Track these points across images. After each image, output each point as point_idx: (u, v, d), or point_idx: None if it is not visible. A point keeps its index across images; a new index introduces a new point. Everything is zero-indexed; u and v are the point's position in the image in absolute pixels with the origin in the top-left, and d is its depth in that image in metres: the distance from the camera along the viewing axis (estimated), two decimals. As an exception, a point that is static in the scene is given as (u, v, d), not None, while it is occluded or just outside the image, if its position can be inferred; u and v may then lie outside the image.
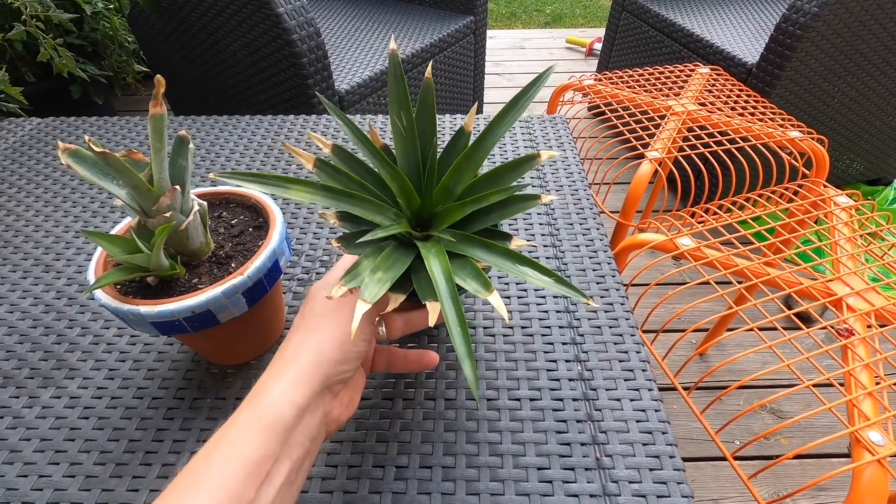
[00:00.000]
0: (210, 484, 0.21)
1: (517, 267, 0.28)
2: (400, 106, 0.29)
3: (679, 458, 0.34)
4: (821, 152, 0.74)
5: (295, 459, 0.24)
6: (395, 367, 0.33)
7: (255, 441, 0.22)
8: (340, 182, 0.30)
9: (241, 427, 0.23)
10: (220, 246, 0.35)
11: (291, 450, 0.24)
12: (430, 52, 1.22)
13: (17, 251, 0.50)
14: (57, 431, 0.35)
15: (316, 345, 0.26)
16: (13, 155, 0.64)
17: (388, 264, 0.27)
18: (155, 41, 1.18)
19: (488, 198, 0.29)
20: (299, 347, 0.26)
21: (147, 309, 0.29)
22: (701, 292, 1.10)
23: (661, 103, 0.85)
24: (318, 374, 0.25)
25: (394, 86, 0.29)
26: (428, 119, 0.30)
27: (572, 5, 2.99)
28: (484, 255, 0.29)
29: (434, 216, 0.31)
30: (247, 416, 0.23)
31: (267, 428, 0.23)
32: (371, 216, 0.29)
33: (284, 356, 0.26)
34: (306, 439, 0.25)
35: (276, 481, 0.22)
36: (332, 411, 0.27)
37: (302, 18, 0.84)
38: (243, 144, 0.65)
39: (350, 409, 0.29)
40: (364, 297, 0.25)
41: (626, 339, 0.41)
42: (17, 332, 0.42)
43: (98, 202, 0.56)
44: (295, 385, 0.24)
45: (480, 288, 0.27)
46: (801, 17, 0.97)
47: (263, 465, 0.22)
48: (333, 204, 0.28)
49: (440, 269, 0.27)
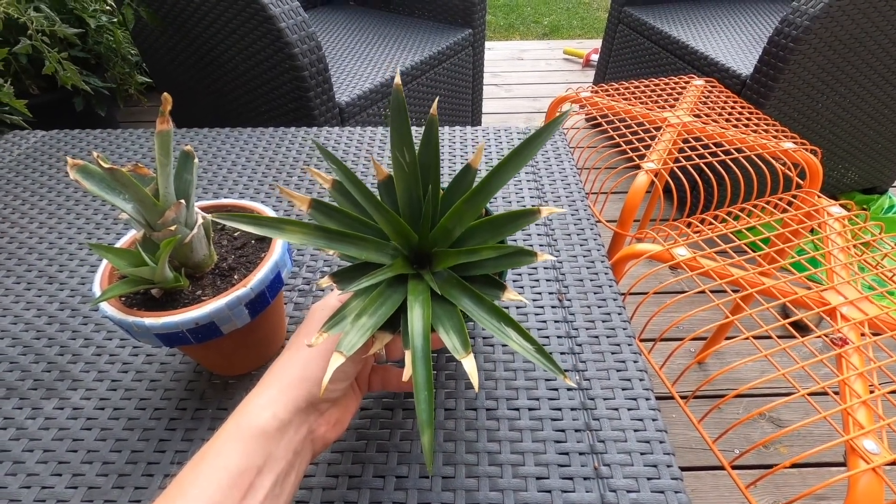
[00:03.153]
0: (195, 494, 0.21)
1: (501, 326, 0.27)
2: (402, 141, 0.29)
3: (676, 467, 0.34)
4: (814, 163, 0.75)
5: (278, 472, 0.24)
6: (391, 385, 0.34)
7: (238, 452, 0.23)
8: (337, 221, 0.29)
9: (225, 439, 0.24)
10: (224, 258, 0.36)
11: (275, 463, 0.24)
12: (429, 65, 1.24)
13: (21, 262, 0.51)
14: (60, 442, 0.36)
15: (303, 362, 0.27)
16: (18, 167, 0.65)
17: (376, 307, 0.27)
18: (158, 54, 1.19)
19: (481, 252, 0.29)
20: (288, 364, 0.27)
21: (152, 321, 0.30)
22: (698, 301, 1.10)
23: (656, 115, 0.86)
24: (302, 390, 0.26)
25: (396, 120, 0.29)
26: (431, 155, 0.30)
27: (570, 17, 3.03)
28: (471, 306, 0.28)
29: (432, 255, 0.31)
30: (231, 428, 0.24)
31: (249, 439, 0.23)
32: (367, 255, 0.29)
33: (273, 371, 0.27)
34: (290, 453, 0.25)
35: (260, 493, 0.23)
36: (318, 429, 0.27)
37: (304, 33, 0.86)
38: (245, 157, 0.66)
39: (338, 430, 0.29)
40: (341, 348, 0.25)
41: (624, 349, 0.42)
42: (20, 343, 0.43)
43: (101, 214, 0.57)
44: (278, 399, 0.25)
45: (459, 347, 0.27)
46: (793, 30, 0.99)
47: (246, 476, 0.22)
48: (329, 245, 0.28)
49: (419, 324, 0.27)
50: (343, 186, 0.31)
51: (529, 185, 0.60)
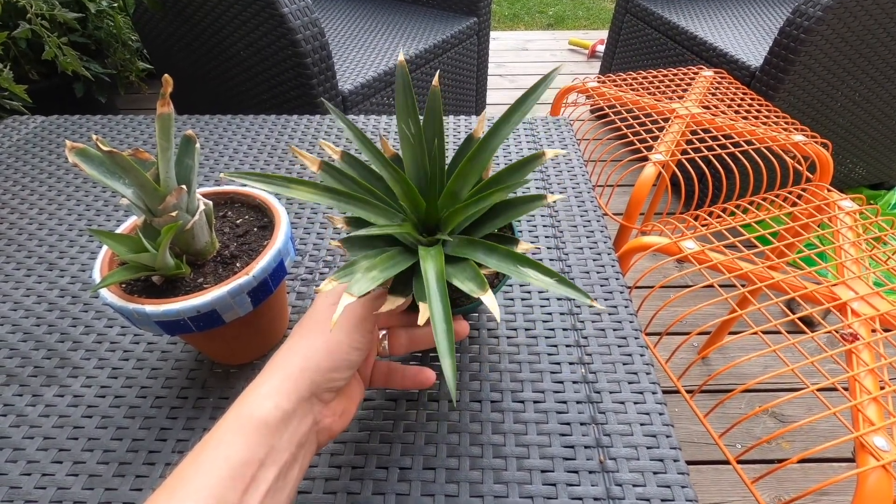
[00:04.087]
0: (196, 485, 0.21)
1: (519, 269, 0.27)
2: (408, 114, 0.30)
3: (683, 461, 0.34)
4: (825, 156, 0.74)
5: (281, 465, 0.23)
6: (394, 382, 0.33)
7: (240, 443, 0.22)
8: (346, 185, 0.30)
9: (226, 429, 0.23)
10: (225, 246, 0.35)
11: (278, 455, 0.23)
12: (433, 54, 1.22)
13: (21, 249, 0.50)
14: (60, 430, 0.35)
15: (305, 350, 0.26)
16: (17, 153, 0.64)
17: (387, 265, 0.27)
18: (159, 40, 1.18)
19: (491, 197, 0.28)
20: (290, 352, 0.26)
21: (152, 308, 0.29)
22: (703, 295, 1.10)
23: (664, 106, 0.85)
24: (304, 379, 0.25)
25: (401, 96, 0.30)
26: (435, 126, 0.30)
27: (575, 7, 2.99)
28: (486, 257, 0.28)
29: (441, 222, 0.31)
30: (232, 419, 0.24)
31: (251, 430, 0.23)
32: (375, 219, 0.29)
33: (275, 360, 0.26)
34: (293, 445, 0.24)
35: (262, 486, 0.22)
36: (323, 420, 0.27)
37: (307, 19, 0.84)
38: (247, 144, 0.65)
39: (343, 421, 0.28)
40: (351, 290, 0.24)
41: (630, 342, 0.41)
42: (20, 329, 0.42)
43: (102, 200, 0.56)
44: (280, 389, 0.24)
45: (476, 287, 0.26)
46: (804, 21, 0.97)
47: (248, 468, 0.22)
48: (336, 205, 0.28)
49: (433, 269, 0.27)
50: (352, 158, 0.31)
51: (535, 177, 0.59)
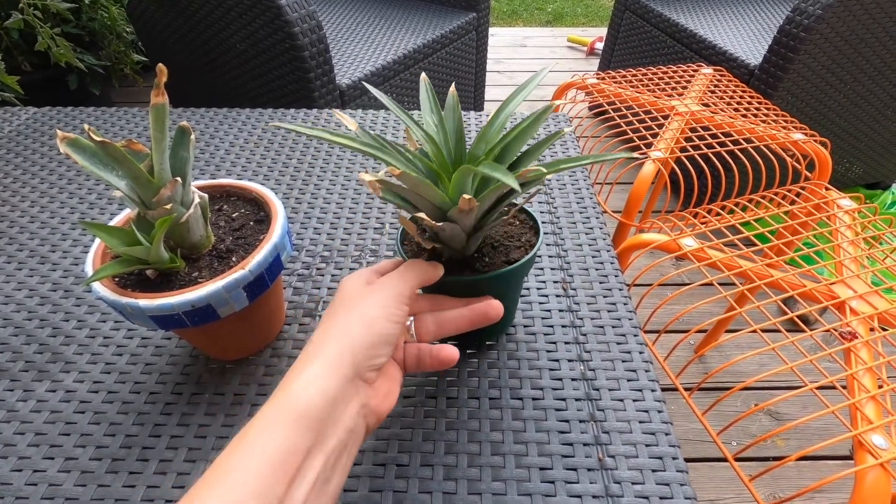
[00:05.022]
0: (238, 479, 0.20)
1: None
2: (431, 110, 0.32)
3: (682, 459, 0.34)
4: (823, 155, 0.74)
5: (328, 453, 0.22)
6: (424, 364, 0.31)
7: (283, 433, 0.21)
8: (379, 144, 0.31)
9: (268, 419, 0.22)
10: (221, 240, 0.35)
11: (325, 442, 0.22)
12: (432, 49, 1.21)
13: (12, 242, 0.49)
14: (52, 426, 0.35)
15: (342, 329, 0.25)
16: (9, 144, 0.63)
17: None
18: (154, 32, 1.16)
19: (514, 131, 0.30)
20: (325, 335, 0.26)
21: (146, 302, 0.29)
22: (701, 293, 1.10)
23: (664, 103, 0.85)
24: (346, 359, 0.24)
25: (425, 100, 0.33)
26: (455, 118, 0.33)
27: (574, 4, 2.98)
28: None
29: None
30: (274, 408, 0.22)
31: (295, 419, 0.22)
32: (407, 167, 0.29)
33: (309, 347, 0.25)
34: (342, 430, 0.23)
35: (310, 476, 0.21)
36: (370, 401, 0.26)
37: (304, 11, 0.83)
38: (243, 138, 0.64)
39: (389, 401, 0.27)
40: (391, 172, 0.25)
41: (629, 340, 0.41)
42: (11, 324, 0.42)
43: (95, 193, 0.55)
44: (323, 373, 0.23)
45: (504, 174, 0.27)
46: (804, 20, 0.97)
47: (293, 459, 0.21)
48: (373, 152, 0.28)
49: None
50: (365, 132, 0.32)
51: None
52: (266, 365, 0.39)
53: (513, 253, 0.35)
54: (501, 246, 0.36)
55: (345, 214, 0.53)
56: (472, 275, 0.33)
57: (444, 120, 0.32)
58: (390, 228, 0.51)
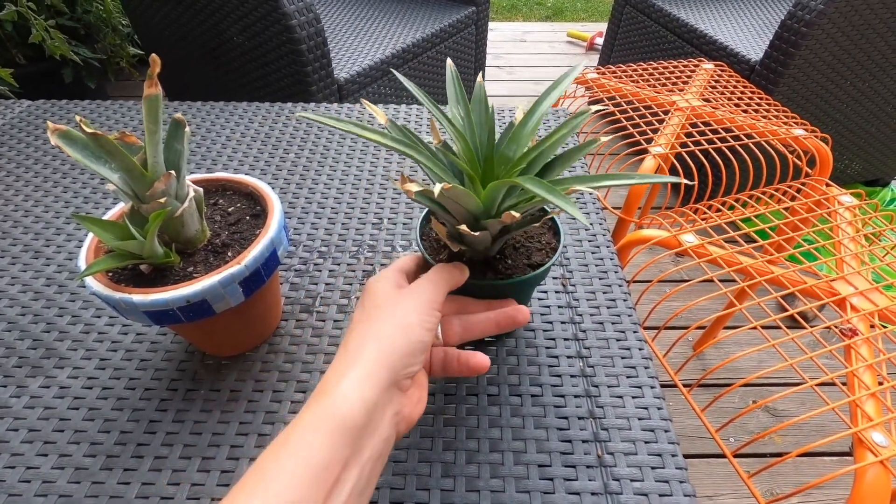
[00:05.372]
0: (276, 488, 0.19)
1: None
2: (458, 102, 0.32)
3: (681, 456, 0.34)
4: (824, 151, 0.74)
5: (364, 463, 0.22)
6: (450, 368, 0.31)
7: (323, 443, 0.21)
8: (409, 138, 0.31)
9: (307, 427, 0.21)
10: (217, 234, 0.34)
11: (361, 453, 0.22)
12: (430, 42, 1.20)
13: (5, 236, 0.49)
14: (46, 422, 0.34)
15: (379, 334, 0.25)
16: (2, 138, 0.62)
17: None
18: (150, 24, 1.15)
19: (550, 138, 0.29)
20: (362, 340, 0.25)
21: (140, 297, 0.28)
22: (700, 290, 1.10)
23: (664, 98, 0.84)
24: (385, 366, 0.24)
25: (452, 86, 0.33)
26: (483, 111, 0.32)
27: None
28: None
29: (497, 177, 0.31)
30: (313, 416, 0.22)
31: (334, 429, 0.21)
32: (437, 171, 0.29)
33: (348, 350, 0.25)
34: (377, 440, 0.23)
35: (346, 488, 0.21)
36: (403, 409, 0.26)
37: (301, 4, 0.83)
38: (240, 132, 0.63)
39: (420, 407, 0.27)
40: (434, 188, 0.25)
41: (629, 336, 0.41)
42: (4, 319, 0.41)
43: (90, 187, 0.55)
44: (362, 380, 0.23)
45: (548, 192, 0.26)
46: (806, 15, 0.96)
47: (331, 470, 0.20)
48: (402, 148, 0.28)
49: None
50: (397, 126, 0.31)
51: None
52: (262, 361, 0.38)
53: (534, 255, 0.35)
54: (522, 247, 0.36)
55: (342, 209, 0.52)
56: (494, 276, 0.33)
57: (471, 112, 0.32)
58: (388, 224, 0.51)
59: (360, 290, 0.44)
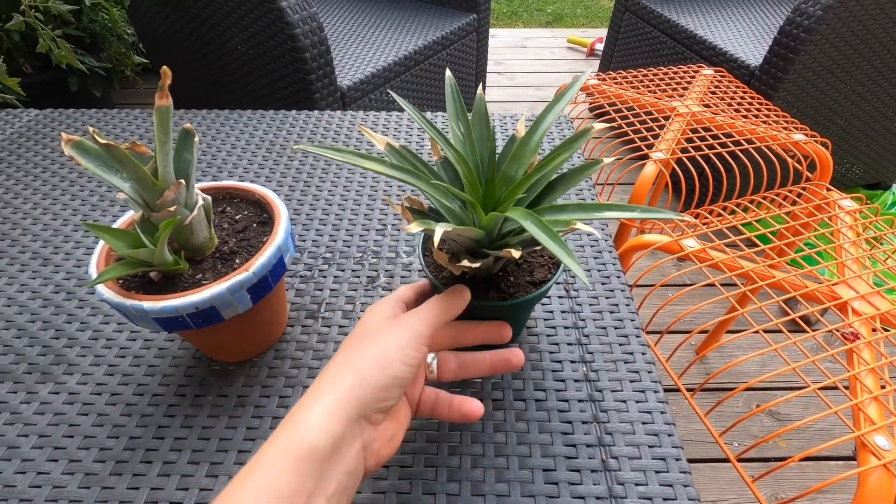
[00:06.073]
0: None
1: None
2: (457, 117, 0.32)
3: (685, 460, 0.34)
4: (825, 155, 0.74)
5: (330, 495, 0.22)
6: (440, 412, 0.30)
7: (288, 473, 0.21)
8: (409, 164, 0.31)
9: (274, 456, 0.22)
10: (224, 241, 0.35)
11: (326, 484, 0.22)
12: (432, 49, 1.21)
13: (14, 244, 0.49)
14: (55, 428, 0.35)
15: (356, 365, 0.25)
16: (11, 146, 0.63)
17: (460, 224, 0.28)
18: (156, 34, 1.16)
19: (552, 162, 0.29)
20: (338, 370, 0.25)
21: (150, 304, 0.29)
22: (702, 294, 1.10)
23: (665, 104, 0.85)
24: (356, 398, 0.24)
25: (451, 102, 0.32)
26: (483, 126, 0.32)
27: (573, 5, 2.99)
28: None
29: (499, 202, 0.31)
30: (280, 444, 0.22)
31: (301, 459, 0.22)
32: (438, 196, 0.29)
33: (322, 379, 0.25)
34: (342, 473, 0.23)
35: None
36: (372, 443, 0.25)
37: (305, 13, 0.84)
38: (245, 139, 0.64)
39: (392, 445, 0.27)
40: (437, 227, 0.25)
41: (632, 341, 0.41)
42: (14, 326, 0.42)
43: (97, 195, 0.55)
44: (330, 411, 0.23)
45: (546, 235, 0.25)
46: (805, 21, 0.97)
47: (297, 500, 0.21)
48: (402, 177, 0.28)
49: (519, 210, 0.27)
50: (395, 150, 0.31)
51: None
52: (269, 367, 0.39)
53: (536, 272, 0.35)
54: (525, 262, 0.36)
55: (346, 215, 0.53)
56: (497, 294, 0.33)
57: (472, 127, 0.32)
58: (392, 230, 0.51)
59: (365, 295, 0.45)
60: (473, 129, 0.32)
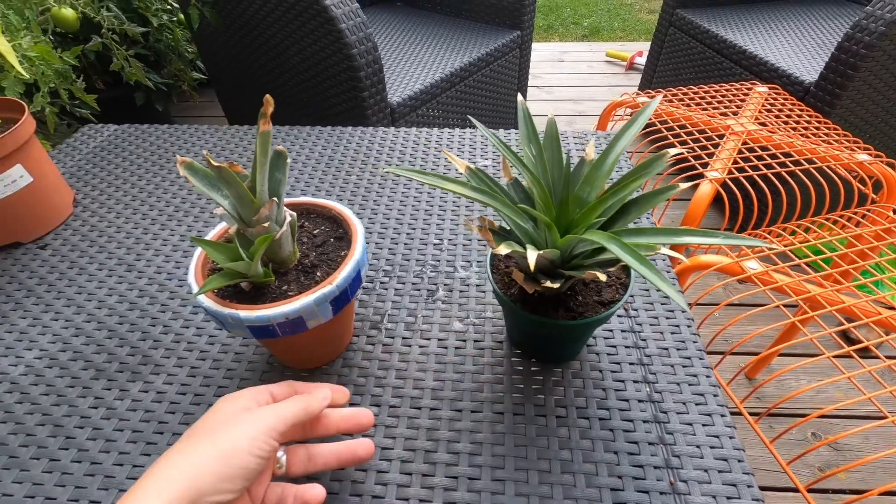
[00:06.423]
0: None
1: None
2: (529, 140, 0.33)
3: (757, 487, 0.33)
4: (892, 176, 0.71)
5: None
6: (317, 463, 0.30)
7: None
8: (487, 186, 0.33)
9: None
10: (306, 255, 0.37)
11: None
12: (477, 66, 1.24)
13: (101, 251, 0.53)
14: (147, 424, 0.37)
15: (198, 453, 0.25)
16: (94, 159, 0.68)
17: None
18: (218, 54, 1.24)
19: (628, 186, 0.30)
20: (177, 457, 0.25)
21: (246, 314, 0.31)
22: (758, 317, 1.06)
23: (719, 122, 0.84)
24: (190, 489, 0.23)
25: (524, 125, 0.34)
26: (555, 148, 0.34)
27: (610, 18, 2.98)
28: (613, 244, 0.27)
29: (572, 224, 0.32)
30: None
31: None
32: (515, 217, 0.31)
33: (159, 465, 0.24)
34: None
35: None
36: None
37: (362, 34, 0.87)
38: (305, 154, 0.67)
39: None
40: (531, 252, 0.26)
41: (695, 363, 0.41)
42: (105, 327, 0.45)
43: (173, 206, 0.59)
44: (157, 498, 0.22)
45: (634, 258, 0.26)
46: (866, 36, 0.94)
47: None
48: (480, 198, 0.30)
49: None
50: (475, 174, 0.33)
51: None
52: (337, 374, 0.41)
53: (604, 291, 0.36)
54: (592, 282, 0.37)
55: (404, 230, 0.55)
56: (566, 313, 0.34)
57: (543, 150, 0.33)
58: (448, 245, 0.53)
59: (426, 308, 0.46)
60: (545, 151, 0.34)
